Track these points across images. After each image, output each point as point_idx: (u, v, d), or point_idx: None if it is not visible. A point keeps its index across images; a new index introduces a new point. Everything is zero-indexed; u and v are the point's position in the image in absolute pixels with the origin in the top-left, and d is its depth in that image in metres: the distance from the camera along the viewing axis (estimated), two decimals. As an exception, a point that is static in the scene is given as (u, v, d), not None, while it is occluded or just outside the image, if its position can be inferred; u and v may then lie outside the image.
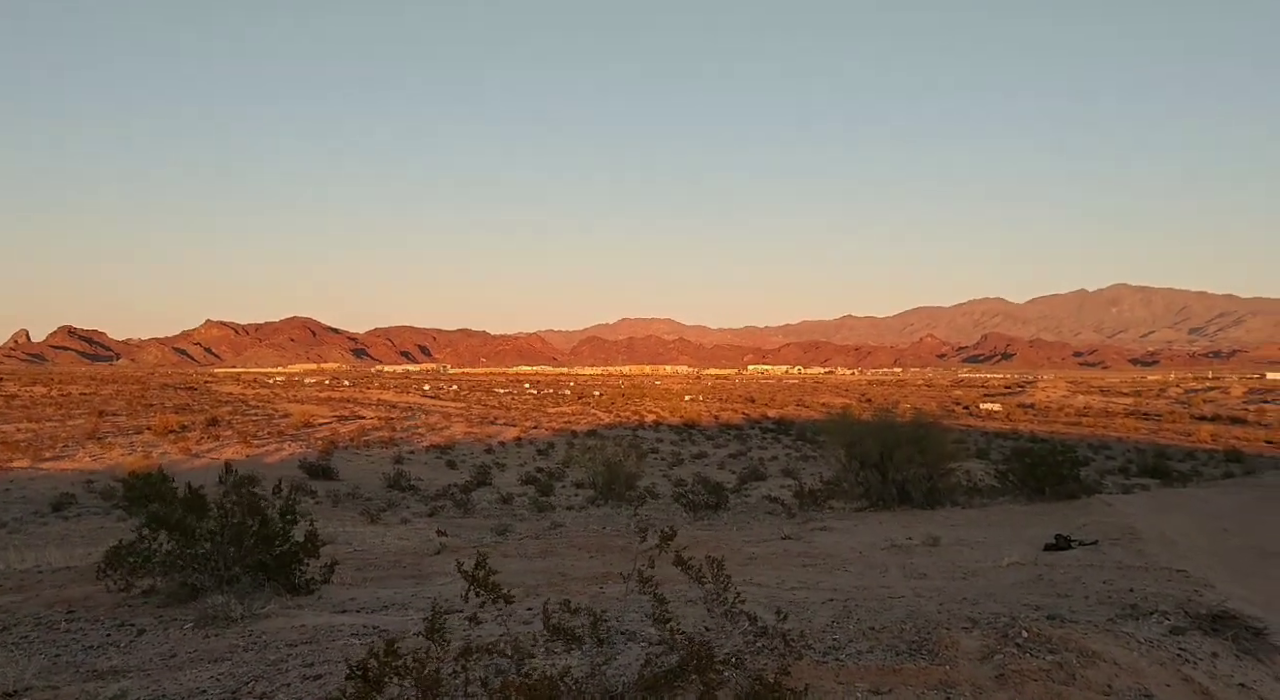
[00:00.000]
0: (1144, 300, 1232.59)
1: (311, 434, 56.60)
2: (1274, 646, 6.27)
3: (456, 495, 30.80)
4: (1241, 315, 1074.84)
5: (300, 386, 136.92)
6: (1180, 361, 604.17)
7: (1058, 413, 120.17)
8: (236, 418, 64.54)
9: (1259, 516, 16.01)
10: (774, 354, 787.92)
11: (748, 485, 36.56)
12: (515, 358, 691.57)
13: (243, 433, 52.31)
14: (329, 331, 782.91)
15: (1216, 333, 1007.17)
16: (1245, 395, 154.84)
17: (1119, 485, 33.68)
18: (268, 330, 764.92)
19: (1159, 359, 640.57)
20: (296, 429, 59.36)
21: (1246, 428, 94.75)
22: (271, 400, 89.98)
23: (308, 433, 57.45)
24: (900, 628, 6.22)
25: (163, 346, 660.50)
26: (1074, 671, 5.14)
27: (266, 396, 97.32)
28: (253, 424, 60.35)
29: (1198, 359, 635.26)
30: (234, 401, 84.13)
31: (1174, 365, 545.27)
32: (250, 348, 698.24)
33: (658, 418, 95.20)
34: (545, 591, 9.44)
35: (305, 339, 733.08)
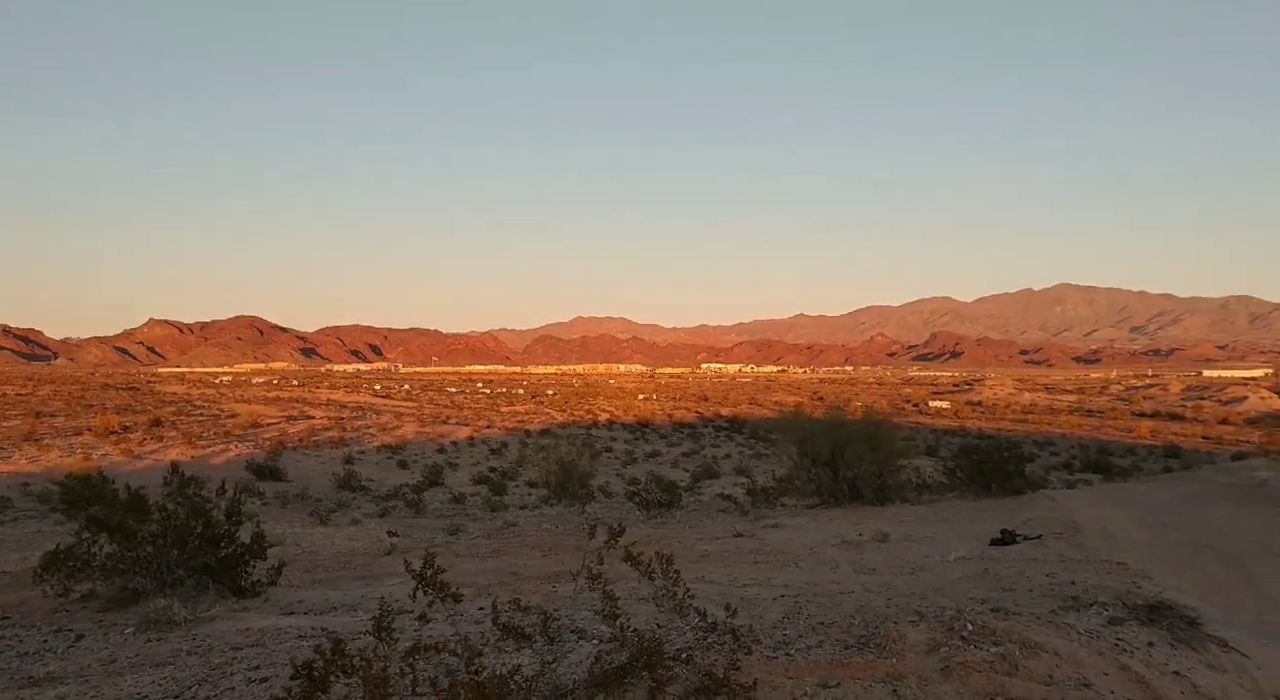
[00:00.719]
0: (1087, 300, 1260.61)
1: (259, 434, 55.64)
2: (1207, 635, 6.46)
3: (408, 495, 30.50)
4: (1179, 314, 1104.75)
5: (248, 386, 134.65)
6: (1122, 359, 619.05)
7: (1004, 410, 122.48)
8: (181, 418, 63.24)
9: (1195, 510, 16.47)
10: (727, 353, 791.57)
11: (701, 483, 36.71)
12: (468, 357, 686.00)
13: (187, 433, 51.27)
14: (277, 330, 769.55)
15: (1156, 331, 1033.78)
16: (1183, 392, 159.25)
17: (1063, 481, 34.47)
18: (213, 329, 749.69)
19: (1101, 357, 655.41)
20: (244, 430, 58.32)
21: (1184, 424, 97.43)
22: (218, 400, 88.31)
23: (255, 433, 56.47)
24: (849, 622, 6.29)
25: (103, 346, 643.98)
26: (1017, 663, 5.26)
27: (212, 397, 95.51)
28: (198, 425, 59.18)
29: (1138, 357, 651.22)
30: (178, 402, 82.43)
31: (1116, 363, 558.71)
32: (195, 347, 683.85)
33: (611, 417, 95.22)
34: (497, 590, 9.39)
35: (252, 338, 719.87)
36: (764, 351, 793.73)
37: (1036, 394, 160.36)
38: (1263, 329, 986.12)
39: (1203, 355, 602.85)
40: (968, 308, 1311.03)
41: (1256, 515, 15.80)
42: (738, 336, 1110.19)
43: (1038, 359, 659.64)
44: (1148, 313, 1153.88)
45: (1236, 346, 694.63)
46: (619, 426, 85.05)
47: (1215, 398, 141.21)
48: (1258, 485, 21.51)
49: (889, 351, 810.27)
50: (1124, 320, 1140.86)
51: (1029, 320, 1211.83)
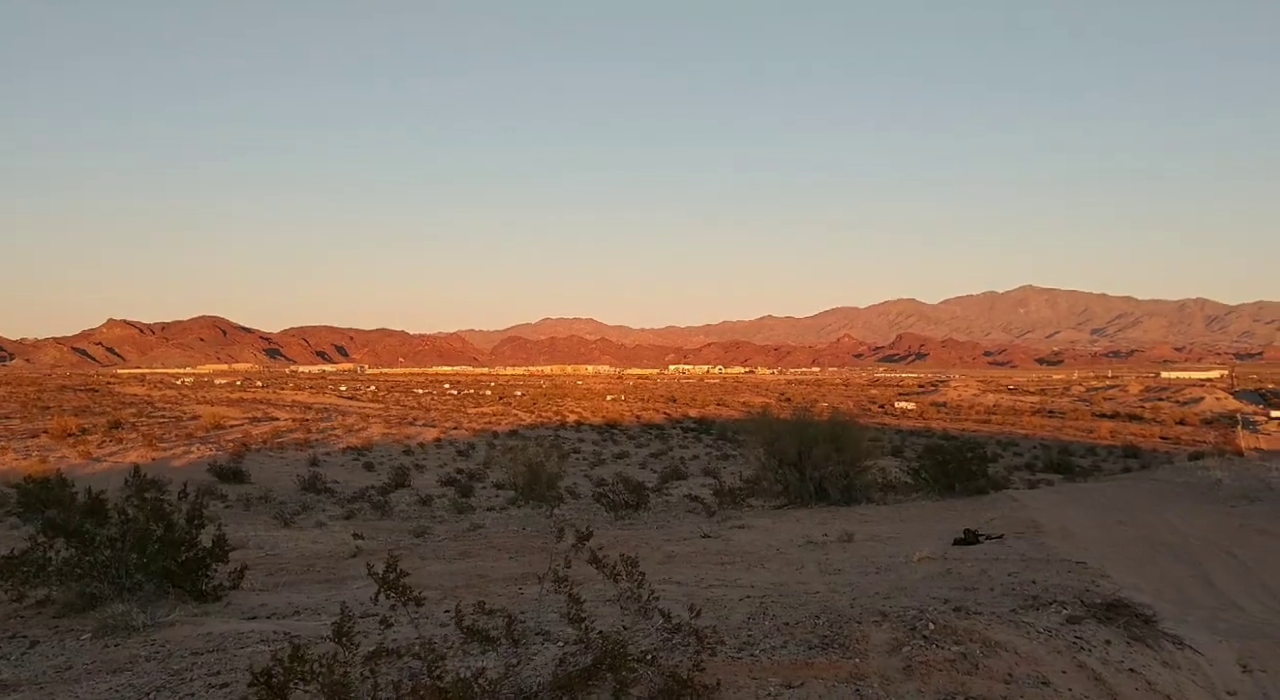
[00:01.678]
0: (1049, 302, 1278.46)
1: (222, 436, 54.86)
2: (1162, 632, 6.60)
3: (374, 497, 30.22)
4: (1139, 316, 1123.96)
5: (210, 387, 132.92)
6: (1083, 361, 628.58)
7: (968, 411, 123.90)
8: (141, 420, 62.23)
9: (1152, 510, 16.77)
10: (695, 354, 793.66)
11: (669, 484, 36.73)
12: (435, 358, 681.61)
13: (148, 436, 50.40)
14: (240, 331, 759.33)
15: (1116, 333, 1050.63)
16: (1142, 393, 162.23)
17: (1025, 481, 34.88)
18: (175, 329, 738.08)
19: (1063, 358, 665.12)
20: (206, 431, 57.46)
21: (1143, 424, 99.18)
22: (179, 402, 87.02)
23: (218, 435, 55.66)
24: (814, 623, 6.34)
25: (61, 346, 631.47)
26: (977, 661, 5.33)
27: (174, 398, 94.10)
28: (159, 426, 58.24)
29: (1099, 358, 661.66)
30: (139, 403, 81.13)
31: (1077, 364, 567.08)
32: (156, 348, 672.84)
33: (579, 418, 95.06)
34: (464, 593, 9.35)
35: (215, 339, 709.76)
36: (731, 352, 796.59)
37: (1000, 395, 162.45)
38: (1218, 331, 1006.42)
39: (1161, 357, 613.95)
40: (933, 309, 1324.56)
41: (1211, 514, 16.12)
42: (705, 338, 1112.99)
43: (1001, 360, 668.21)
44: (1108, 315, 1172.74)
45: (1193, 348, 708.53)
46: (587, 428, 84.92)
47: (1173, 399, 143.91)
48: (1212, 485, 21.93)
49: (855, 353, 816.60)
50: (1085, 322, 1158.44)
51: (993, 322, 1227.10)
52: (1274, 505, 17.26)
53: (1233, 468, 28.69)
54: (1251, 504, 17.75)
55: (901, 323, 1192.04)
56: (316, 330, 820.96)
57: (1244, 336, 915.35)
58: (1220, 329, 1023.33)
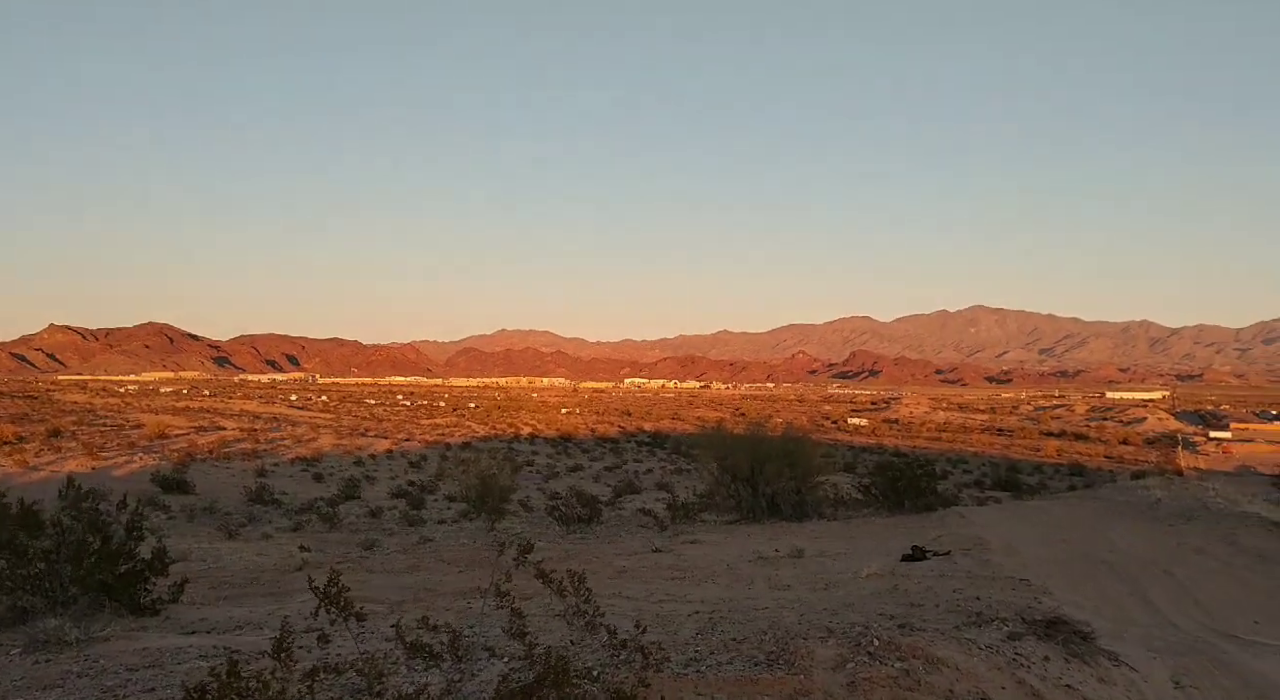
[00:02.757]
0: (999, 321, 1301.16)
1: (166, 446, 53.71)
2: (1099, 649, 6.74)
3: (323, 509, 29.76)
4: (1085, 337, 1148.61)
5: (155, 396, 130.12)
6: (1031, 380, 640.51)
7: (920, 428, 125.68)
8: (82, 428, 60.67)
9: (1094, 528, 17.12)
10: (651, 367, 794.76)
11: (622, 498, 36.68)
12: (388, 368, 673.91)
13: (88, 444, 49.17)
14: (188, 338, 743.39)
15: (1063, 353, 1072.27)
16: (1087, 413, 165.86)
17: (974, 498, 35.37)
18: (120, 336, 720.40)
19: (1012, 377, 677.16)
20: (150, 440, 56.21)
21: (1088, 443, 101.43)
22: (122, 410, 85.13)
23: (162, 444, 54.49)
24: (761, 639, 6.37)
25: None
26: (919, 678, 5.39)
27: (117, 406, 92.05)
28: (100, 435, 56.84)
29: (1046, 378, 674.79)
30: (79, 411, 79.14)
31: (1025, 383, 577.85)
32: (100, 354, 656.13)
33: (534, 430, 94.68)
34: (411, 607, 9.24)
35: (162, 346, 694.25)
36: (687, 367, 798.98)
37: (951, 413, 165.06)
38: (1161, 353, 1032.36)
39: (1106, 377, 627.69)
40: (886, 327, 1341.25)
41: (1150, 533, 16.50)
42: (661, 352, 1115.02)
43: (952, 378, 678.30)
44: (1056, 335, 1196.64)
45: (1137, 369, 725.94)
46: (541, 440, 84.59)
47: (1117, 418, 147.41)
48: (1152, 504, 22.45)
49: (810, 369, 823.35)
50: (1034, 342, 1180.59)
51: (944, 340, 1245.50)
52: (1209, 524, 17.71)
53: (1172, 487, 29.41)
54: (1188, 523, 18.20)
55: (855, 340, 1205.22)
56: (267, 339, 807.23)
57: (1185, 359, 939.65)
58: (1163, 351, 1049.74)
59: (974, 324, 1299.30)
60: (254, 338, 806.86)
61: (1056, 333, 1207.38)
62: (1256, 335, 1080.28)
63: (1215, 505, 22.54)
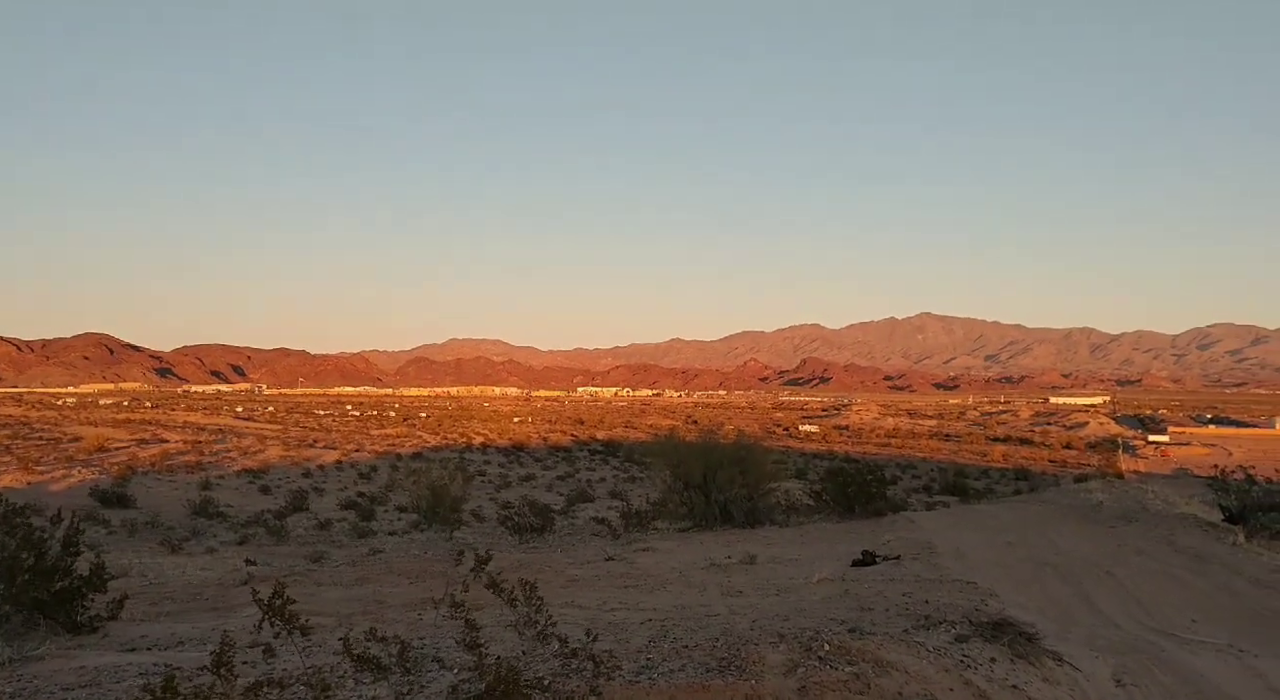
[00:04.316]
0: (946, 328, 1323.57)
1: (106, 459, 52.41)
2: (1043, 649, 6.88)
3: (270, 521, 29.25)
4: (1029, 343, 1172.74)
5: (94, 408, 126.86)
6: (977, 386, 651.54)
7: (870, 434, 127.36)
8: (17, 442, 58.99)
9: (1039, 531, 17.46)
10: (603, 376, 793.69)
11: (575, 507, 36.62)
12: (337, 378, 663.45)
13: (23, 458, 47.79)
14: (129, 349, 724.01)
15: (1008, 359, 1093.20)
16: (1032, 418, 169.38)
17: (923, 503, 35.89)
18: (57, 347, 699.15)
19: (959, 383, 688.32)
20: (89, 454, 54.80)
21: (1033, 448, 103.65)
22: (60, 423, 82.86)
23: (101, 458, 53.18)
24: (713, 645, 6.39)
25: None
26: (869, 681, 5.46)
27: (54, 419, 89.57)
28: (36, 448, 55.31)
29: (992, 384, 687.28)
30: (14, 424, 76.90)
31: (972, 389, 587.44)
32: (35, 366, 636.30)
33: (486, 440, 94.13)
34: (360, 620, 9.11)
35: (101, 357, 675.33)
36: (640, 375, 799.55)
37: (899, 419, 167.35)
38: (1101, 359, 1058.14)
39: (1049, 383, 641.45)
40: (836, 335, 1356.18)
41: (1093, 535, 16.88)
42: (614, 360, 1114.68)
43: (901, 385, 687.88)
44: (1001, 342, 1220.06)
45: (1079, 375, 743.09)
46: (493, 450, 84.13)
47: (1060, 423, 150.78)
48: (1094, 507, 22.97)
49: (761, 376, 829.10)
50: (980, 348, 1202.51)
51: (893, 347, 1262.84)
52: (1149, 526, 18.16)
53: (1113, 490, 30.09)
54: (1129, 525, 18.66)
55: (806, 347, 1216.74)
56: (211, 349, 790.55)
57: (1125, 364, 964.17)
58: (1103, 357, 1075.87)
59: (922, 331, 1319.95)
60: (198, 348, 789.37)
61: (1001, 339, 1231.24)
62: (1191, 341, 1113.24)
63: (1154, 507, 23.14)
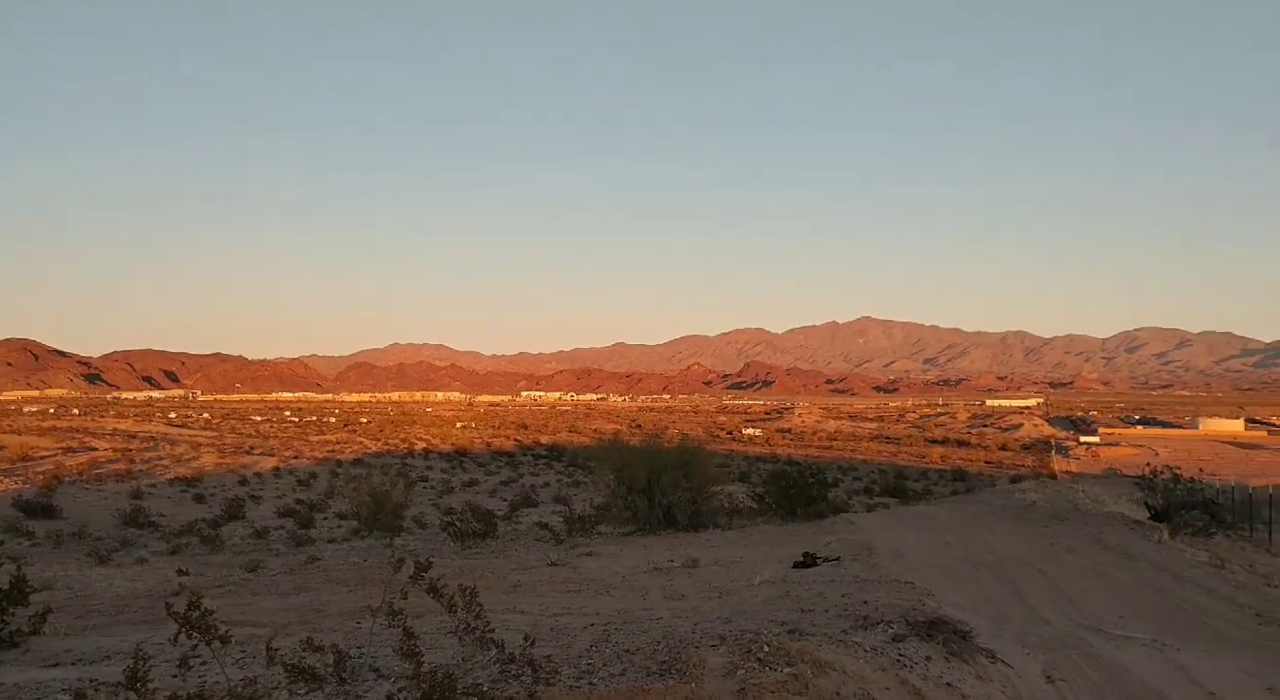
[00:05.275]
0: (886, 332, 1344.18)
1: (30, 468, 50.72)
2: (977, 647, 7.04)
3: (204, 531, 28.55)
4: (966, 347, 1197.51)
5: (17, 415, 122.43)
6: (917, 389, 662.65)
7: (812, 437, 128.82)
8: (-64, 451, 56.73)
9: (975, 531, 17.86)
10: (547, 380, 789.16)
11: (519, 512, 36.44)
12: (275, 384, 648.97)
13: (-57, 468, 45.99)
14: (55, 355, 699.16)
15: (946, 363, 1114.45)
16: (969, 420, 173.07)
17: (863, 504, 36.43)
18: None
19: (899, 386, 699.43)
20: (11, 463, 52.99)
21: (970, 450, 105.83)
22: (-18, 430, 79.86)
23: (25, 467, 51.44)
24: (654, 649, 6.41)
25: None
26: (808, 682, 5.52)
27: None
28: (-45, 458, 53.25)
29: (931, 386, 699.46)
30: (-67, 432, 73.91)
31: (911, 392, 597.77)
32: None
33: (428, 445, 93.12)
34: (297, 629, 8.95)
35: (25, 363, 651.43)
36: (584, 379, 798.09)
37: (841, 422, 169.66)
38: (1035, 362, 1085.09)
39: (986, 385, 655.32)
40: (779, 339, 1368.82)
41: (1026, 534, 17.32)
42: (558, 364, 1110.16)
43: (842, 388, 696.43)
44: (939, 345, 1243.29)
45: (1014, 378, 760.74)
46: (436, 455, 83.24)
47: (996, 425, 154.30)
48: (1028, 507, 23.57)
49: (705, 380, 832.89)
50: (918, 352, 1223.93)
51: (834, 351, 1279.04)
52: (1079, 525, 18.70)
53: (1046, 490, 30.93)
54: (1061, 523, 19.18)
55: (749, 351, 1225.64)
56: (143, 354, 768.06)
57: (1057, 367, 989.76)
58: (1037, 360, 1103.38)
59: (862, 335, 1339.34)
60: (129, 353, 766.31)
61: (940, 343, 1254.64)
62: (1120, 344, 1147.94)
63: (1085, 506, 23.84)
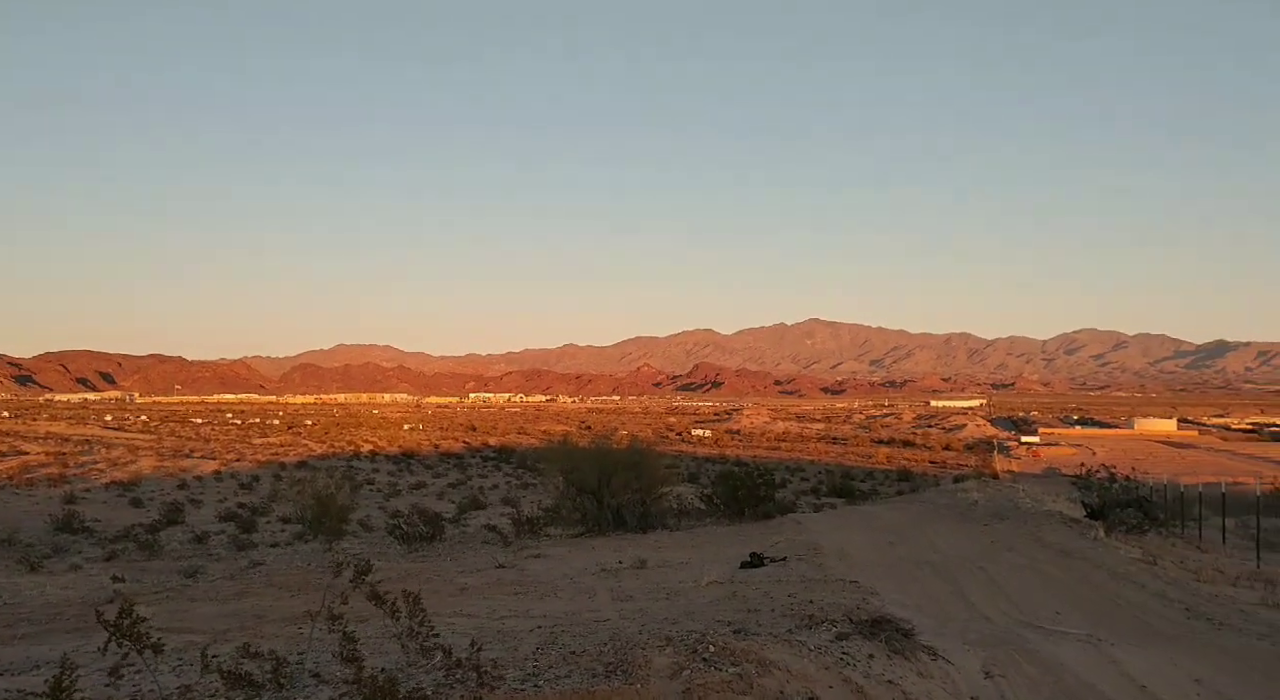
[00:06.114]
0: (833, 334, 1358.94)
1: (-42, 473, 48.99)
2: (919, 645, 7.16)
3: (141, 536, 27.84)
4: (911, 349, 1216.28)
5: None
6: (863, 390, 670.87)
7: (760, 438, 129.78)
8: None
9: (919, 530, 18.16)
10: (496, 382, 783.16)
11: (467, 515, 36.13)
12: (217, 385, 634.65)
13: None
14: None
15: (892, 364, 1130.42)
16: (914, 421, 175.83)
17: (811, 505, 36.78)
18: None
19: (846, 388, 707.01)
20: (-63, 467, 51.16)
21: (915, 450, 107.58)
22: (-95, 434, 77.07)
23: (-48, 471, 49.69)
24: (601, 650, 6.41)
25: None
26: (752, 681, 5.57)
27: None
28: (-124, 462, 51.28)
29: (877, 387, 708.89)
30: None
31: (858, 393, 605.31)
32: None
33: (375, 448, 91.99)
34: (237, 635, 8.77)
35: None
36: (533, 381, 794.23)
37: (789, 422, 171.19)
38: (978, 364, 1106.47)
39: (930, 387, 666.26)
40: (728, 340, 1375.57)
41: (968, 533, 17.66)
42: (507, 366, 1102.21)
43: (791, 389, 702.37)
44: (885, 347, 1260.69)
45: (957, 379, 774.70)
46: (382, 458, 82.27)
47: (940, 426, 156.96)
48: (970, 506, 24.03)
49: (655, 381, 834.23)
50: (865, 354, 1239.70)
51: (782, 353, 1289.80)
52: (1019, 523, 19.12)
53: (988, 490, 31.58)
54: (1001, 522, 19.59)
55: (698, 352, 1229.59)
56: (77, 355, 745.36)
57: (999, 369, 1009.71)
58: (980, 362, 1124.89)
59: (810, 337, 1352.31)
60: (62, 354, 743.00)
61: (886, 344, 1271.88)
62: (1060, 346, 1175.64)
63: (1025, 505, 24.37)
